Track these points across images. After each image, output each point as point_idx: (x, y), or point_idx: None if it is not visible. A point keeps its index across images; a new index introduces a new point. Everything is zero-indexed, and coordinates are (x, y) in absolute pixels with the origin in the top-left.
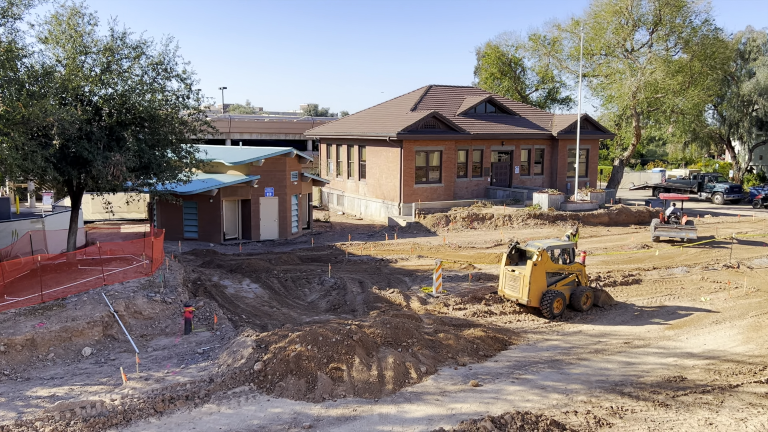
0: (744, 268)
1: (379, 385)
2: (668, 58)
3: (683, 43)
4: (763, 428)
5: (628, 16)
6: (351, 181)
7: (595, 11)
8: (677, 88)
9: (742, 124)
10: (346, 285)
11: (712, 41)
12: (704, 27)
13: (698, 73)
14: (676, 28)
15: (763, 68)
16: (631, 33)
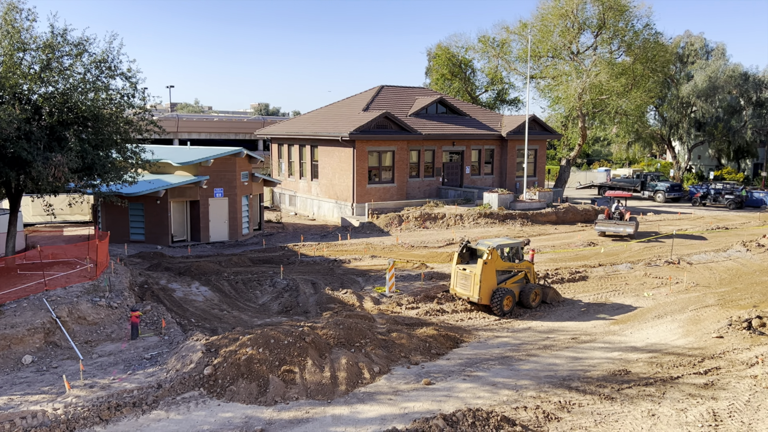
0: (684, 263)
1: (332, 387)
2: (612, 61)
3: (626, 47)
4: (702, 418)
5: (574, 19)
6: (303, 182)
7: (542, 14)
8: (621, 90)
9: (681, 125)
10: (298, 286)
11: (652, 45)
12: (645, 31)
13: (640, 76)
14: (619, 31)
15: (701, 71)
16: (577, 36)
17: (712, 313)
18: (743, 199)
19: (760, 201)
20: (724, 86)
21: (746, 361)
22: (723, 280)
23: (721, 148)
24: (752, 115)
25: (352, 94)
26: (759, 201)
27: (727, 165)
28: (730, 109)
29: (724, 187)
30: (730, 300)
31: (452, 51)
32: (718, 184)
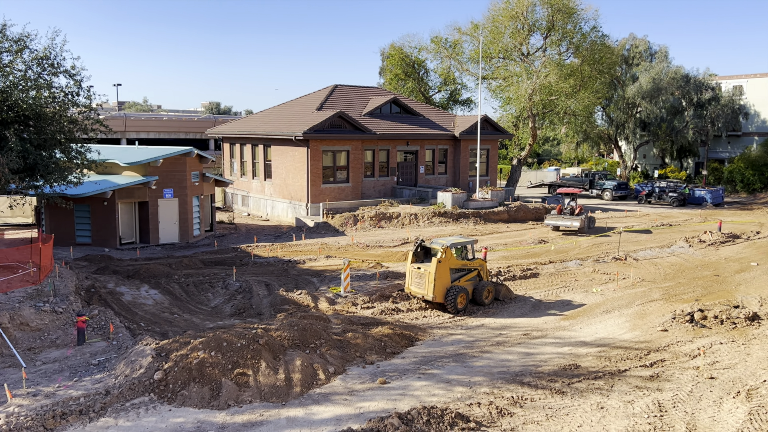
0: (631, 260)
1: (287, 389)
2: (561, 62)
3: (574, 48)
4: (648, 409)
5: (524, 21)
6: (256, 182)
7: (493, 15)
8: (569, 90)
9: (627, 125)
10: (251, 288)
11: (599, 47)
12: (592, 33)
13: (588, 77)
14: (567, 33)
15: (645, 73)
16: (527, 37)
17: (657, 308)
18: (686, 196)
19: (702, 198)
20: (667, 88)
21: (689, 353)
22: (667, 275)
23: (664, 148)
24: (693, 116)
25: (306, 94)
26: (700, 198)
27: (670, 164)
28: (673, 110)
29: (667, 185)
30: (674, 294)
31: (405, 51)
32: (662, 183)
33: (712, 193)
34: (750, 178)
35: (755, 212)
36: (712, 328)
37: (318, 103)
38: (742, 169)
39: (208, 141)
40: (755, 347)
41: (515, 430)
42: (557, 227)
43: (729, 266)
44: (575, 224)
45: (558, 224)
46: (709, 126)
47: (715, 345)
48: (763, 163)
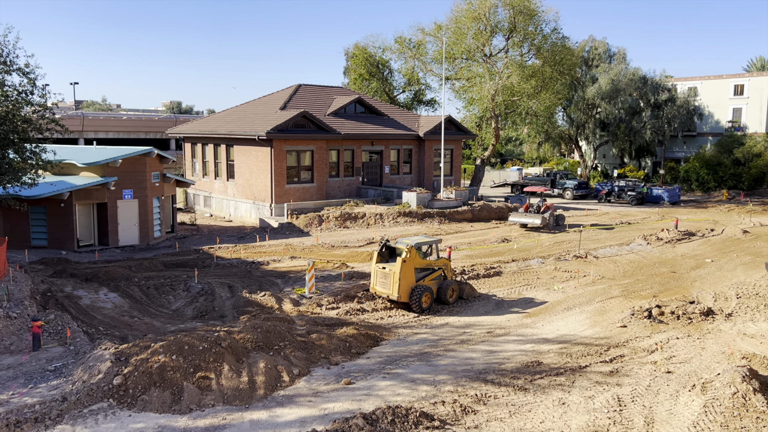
0: (591, 257)
1: (250, 391)
2: (523, 64)
3: (535, 50)
4: (608, 403)
5: (486, 22)
6: (219, 182)
7: (456, 16)
8: (531, 91)
9: (587, 126)
10: (214, 290)
11: (560, 48)
12: (553, 35)
13: (549, 78)
14: (529, 35)
15: (604, 74)
16: (489, 39)
17: (616, 304)
18: (644, 195)
19: (659, 197)
20: (625, 89)
21: (647, 348)
22: (626, 272)
23: (623, 148)
24: (650, 117)
25: (269, 93)
26: (658, 197)
27: (629, 163)
28: (631, 111)
29: (626, 184)
30: (632, 291)
31: (369, 51)
32: (621, 182)
33: (669, 192)
34: (705, 177)
35: (710, 210)
36: (669, 324)
37: (281, 103)
38: (697, 169)
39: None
40: (709, 341)
41: (479, 427)
42: (524, 225)
43: (685, 263)
44: (536, 221)
45: (521, 221)
46: (665, 126)
47: (671, 340)
48: (716, 162)
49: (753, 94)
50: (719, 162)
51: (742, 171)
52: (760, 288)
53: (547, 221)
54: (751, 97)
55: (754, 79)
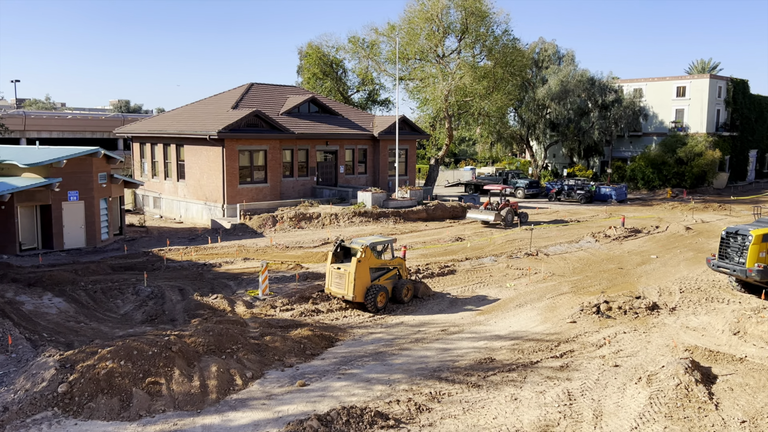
0: (542, 255)
1: (202, 396)
2: (475, 65)
3: (487, 51)
4: (558, 398)
5: (439, 23)
6: (169, 182)
7: (409, 17)
8: (483, 92)
9: (538, 126)
10: (164, 293)
11: (511, 50)
12: (504, 37)
13: (501, 79)
14: (480, 36)
15: (554, 76)
16: (442, 39)
17: (566, 300)
18: (592, 194)
19: (607, 195)
20: (574, 90)
21: (596, 343)
22: (575, 269)
23: (572, 147)
24: (598, 117)
25: (220, 92)
26: (605, 195)
27: (578, 163)
28: (580, 111)
29: (576, 183)
30: (581, 287)
31: (323, 50)
32: (570, 181)
33: (616, 191)
34: (650, 175)
35: (655, 208)
36: (617, 319)
37: (233, 102)
38: (642, 168)
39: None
40: (655, 335)
41: (433, 425)
42: (486, 222)
43: (632, 259)
44: (489, 218)
45: (476, 217)
46: (612, 126)
47: (619, 334)
48: (661, 161)
49: (694, 96)
50: (663, 161)
51: (684, 170)
52: (701, 283)
53: (503, 218)
54: (692, 98)
55: (695, 81)
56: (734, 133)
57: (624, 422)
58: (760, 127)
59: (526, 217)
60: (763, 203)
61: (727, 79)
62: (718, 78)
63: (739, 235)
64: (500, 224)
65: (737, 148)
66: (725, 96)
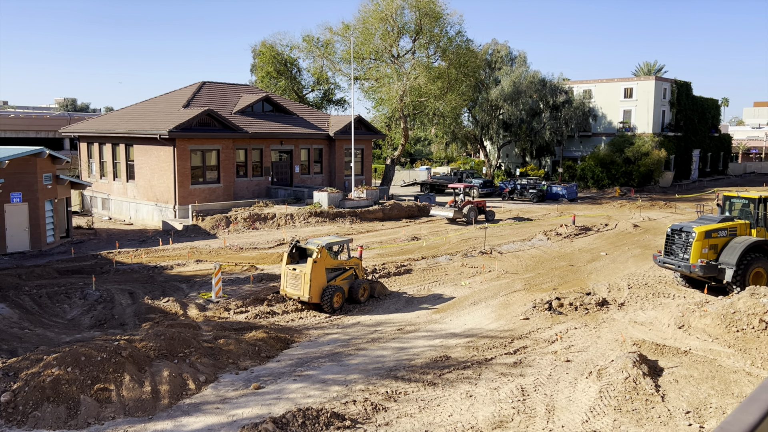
0: (496, 253)
1: (154, 401)
2: (429, 65)
3: (441, 52)
4: (512, 394)
5: (393, 23)
6: (118, 183)
7: (363, 17)
8: (438, 92)
9: (491, 126)
10: (113, 297)
11: (465, 51)
12: (458, 38)
13: (455, 80)
14: (434, 37)
15: (506, 77)
16: (397, 40)
17: (519, 298)
18: (544, 193)
19: (558, 194)
20: (526, 91)
21: (548, 339)
22: (528, 266)
23: (525, 147)
24: (549, 118)
25: (171, 90)
26: (557, 194)
27: (530, 162)
28: (532, 112)
29: (528, 182)
30: (534, 284)
31: (277, 49)
32: (523, 180)
33: (567, 189)
34: (599, 174)
35: (604, 206)
36: (568, 315)
37: (185, 100)
38: (592, 167)
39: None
40: (604, 330)
41: (390, 424)
42: (449, 219)
43: (582, 256)
44: (449, 215)
45: (439, 214)
46: (563, 127)
47: (570, 330)
48: (610, 161)
49: (641, 97)
50: (612, 161)
51: (632, 169)
52: (648, 278)
53: (465, 215)
54: (639, 99)
55: (641, 82)
56: (678, 133)
57: (575, 416)
58: (702, 127)
59: (493, 215)
60: (706, 201)
61: (671, 81)
62: (663, 80)
63: (684, 232)
64: (462, 221)
65: (681, 147)
66: (670, 97)
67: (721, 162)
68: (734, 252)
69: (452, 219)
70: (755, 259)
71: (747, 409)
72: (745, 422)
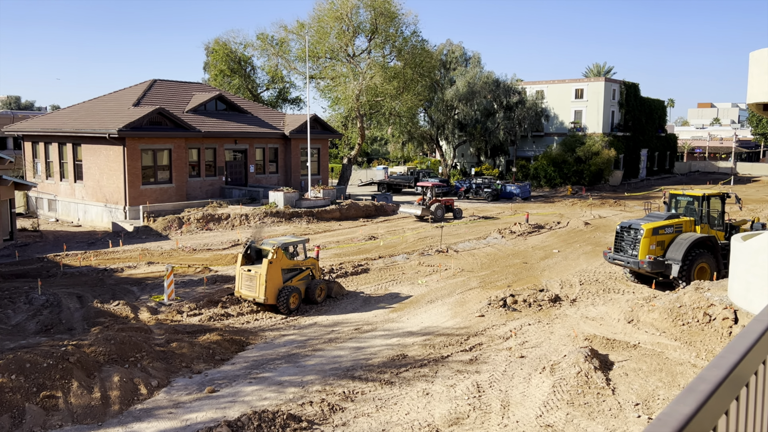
0: (452, 252)
1: (104, 408)
2: (385, 65)
3: (397, 52)
4: (468, 390)
5: (349, 22)
6: (65, 184)
7: (318, 15)
8: (394, 92)
9: (447, 126)
10: (61, 301)
11: (420, 51)
12: (413, 38)
13: (410, 80)
14: (390, 37)
15: (461, 77)
16: (352, 39)
17: (475, 295)
18: (498, 191)
19: (512, 193)
20: (480, 91)
21: (503, 336)
22: (483, 264)
23: (480, 147)
24: (503, 118)
25: (121, 88)
26: (511, 193)
27: (485, 162)
28: (486, 112)
29: (483, 181)
30: (489, 282)
31: (231, 47)
32: (478, 179)
33: (520, 188)
34: (552, 173)
35: (556, 204)
36: (522, 311)
37: (135, 99)
38: (545, 166)
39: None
40: (557, 326)
41: (347, 424)
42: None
43: (535, 254)
44: (417, 212)
45: (406, 212)
46: (517, 127)
47: (524, 326)
48: (561, 160)
49: (591, 98)
50: (564, 160)
51: (583, 168)
52: (599, 275)
53: (433, 213)
54: (589, 100)
55: (591, 84)
56: (627, 133)
57: (530, 411)
58: (650, 127)
59: (460, 213)
60: (653, 199)
61: (620, 82)
62: (613, 81)
63: (632, 229)
64: (429, 218)
65: (630, 147)
66: (619, 98)
67: (667, 161)
68: (680, 248)
69: (420, 216)
70: (699, 255)
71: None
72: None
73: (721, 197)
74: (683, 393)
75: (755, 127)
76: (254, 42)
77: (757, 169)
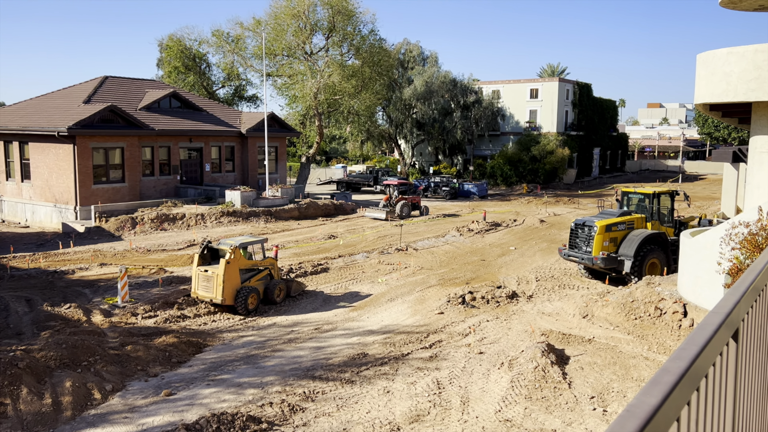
0: (411, 250)
1: (55, 414)
2: (343, 63)
3: (355, 50)
4: (428, 387)
5: (306, 20)
6: (11, 184)
7: (275, 13)
8: (352, 91)
9: (405, 125)
10: (8, 305)
11: (378, 50)
12: (371, 36)
13: (369, 78)
14: (348, 35)
15: (419, 77)
16: (310, 37)
17: (434, 293)
18: (456, 190)
19: (469, 192)
20: (438, 90)
21: (462, 332)
22: (442, 262)
23: (438, 146)
24: (461, 117)
25: (70, 85)
26: (468, 192)
27: (443, 161)
28: (444, 111)
29: (441, 180)
30: (448, 279)
31: (185, 43)
32: (436, 178)
33: (478, 187)
34: (508, 172)
35: (513, 202)
36: (480, 308)
37: (85, 96)
38: (501, 165)
39: None
40: (515, 322)
41: (308, 424)
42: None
43: (493, 251)
44: (381, 216)
45: (370, 215)
46: (474, 126)
47: (483, 323)
48: (517, 159)
49: (545, 98)
50: (519, 159)
51: (538, 167)
52: (555, 271)
53: (399, 212)
54: (544, 100)
55: (546, 84)
56: (580, 132)
57: (489, 406)
58: (602, 127)
59: (428, 211)
60: (606, 197)
61: (573, 82)
62: (566, 81)
63: (586, 226)
64: (396, 218)
65: (583, 146)
66: (572, 98)
67: (619, 160)
68: (632, 244)
69: (386, 219)
70: (651, 251)
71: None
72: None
73: (670, 195)
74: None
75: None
76: (209, 39)
77: (704, 167)
